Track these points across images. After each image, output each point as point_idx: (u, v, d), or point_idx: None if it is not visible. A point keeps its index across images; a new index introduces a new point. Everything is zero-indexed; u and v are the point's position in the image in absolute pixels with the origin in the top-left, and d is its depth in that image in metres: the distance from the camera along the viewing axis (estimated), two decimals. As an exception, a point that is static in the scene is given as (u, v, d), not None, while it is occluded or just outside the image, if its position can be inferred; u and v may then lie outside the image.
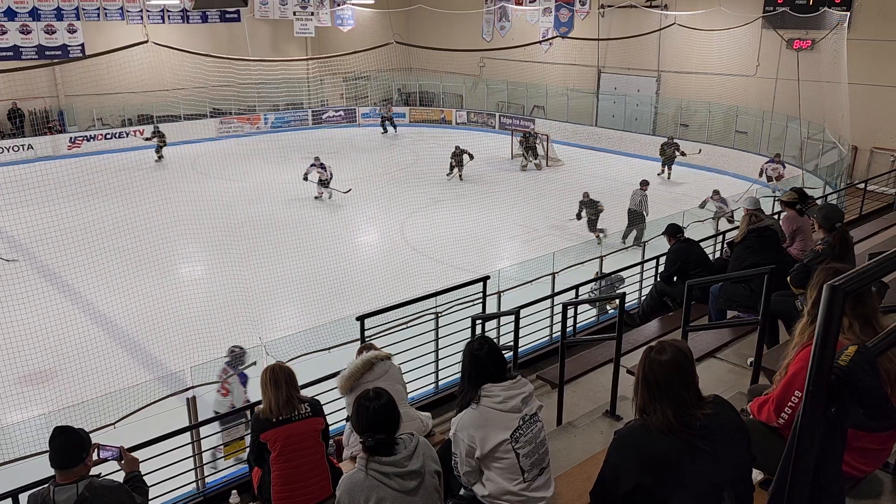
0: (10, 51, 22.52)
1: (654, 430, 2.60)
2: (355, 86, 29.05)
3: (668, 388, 2.59)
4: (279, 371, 4.12)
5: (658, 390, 2.61)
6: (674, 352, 2.64)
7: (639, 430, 2.67)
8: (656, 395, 2.61)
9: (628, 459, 2.66)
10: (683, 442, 2.57)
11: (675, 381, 2.60)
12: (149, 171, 19.92)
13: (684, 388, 2.61)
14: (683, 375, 2.61)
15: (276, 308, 12.25)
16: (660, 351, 2.65)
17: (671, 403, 2.59)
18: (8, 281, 11.81)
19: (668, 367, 2.60)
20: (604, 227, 15.91)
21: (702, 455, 2.57)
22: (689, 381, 2.62)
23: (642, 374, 2.67)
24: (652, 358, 2.65)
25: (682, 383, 2.61)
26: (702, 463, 2.57)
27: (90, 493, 3.39)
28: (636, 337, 6.94)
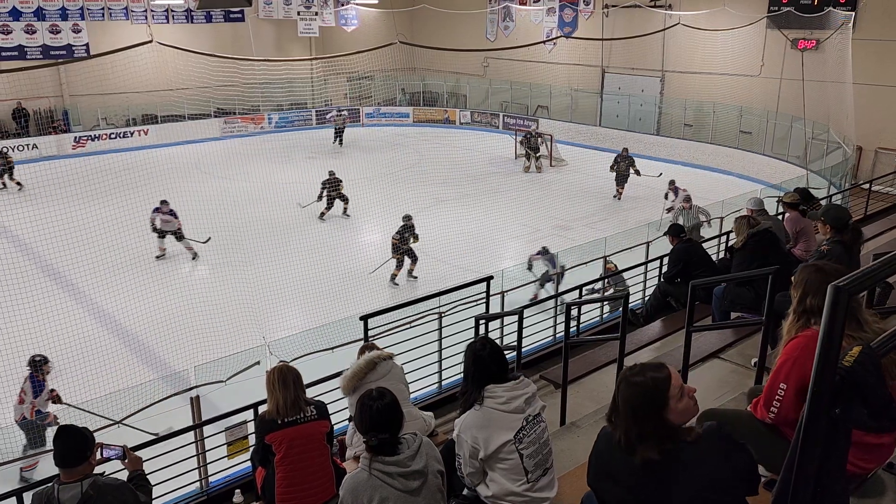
0: (15, 50, 22.57)
1: (615, 445, 2.55)
2: (359, 86, 29.05)
3: (632, 413, 2.49)
4: (287, 372, 4.12)
5: (621, 412, 2.53)
6: (650, 379, 2.49)
7: (606, 438, 2.64)
8: (618, 416, 2.54)
9: (591, 463, 2.68)
10: (637, 466, 2.46)
11: (640, 407, 2.48)
12: (153, 171, 19.92)
13: (648, 417, 2.46)
14: (651, 404, 2.46)
15: (279, 307, 12.26)
16: (636, 373, 2.53)
17: (628, 430, 2.49)
18: (13, 280, 11.84)
19: (637, 392, 2.49)
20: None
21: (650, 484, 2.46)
22: (655, 411, 2.46)
23: (616, 389, 2.60)
24: (627, 378, 2.54)
25: (648, 412, 2.46)
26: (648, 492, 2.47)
27: (94, 492, 3.40)
28: (640, 337, 6.94)
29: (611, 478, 2.57)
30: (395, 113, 29.50)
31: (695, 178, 21.34)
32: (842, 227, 5.69)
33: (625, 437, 2.50)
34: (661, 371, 2.52)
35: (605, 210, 17.73)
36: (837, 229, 5.70)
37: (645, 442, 2.45)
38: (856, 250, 5.69)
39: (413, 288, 12.47)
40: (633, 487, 2.50)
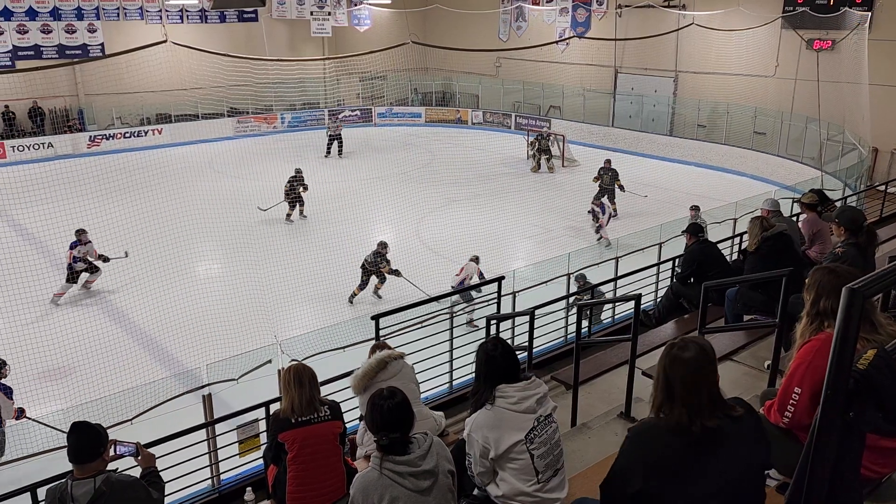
0: (32, 50, 22.79)
1: (665, 430, 2.58)
2: (371, 85, 29.11)
3: (684, 387, 2.56)
4: (303, 371, 4.12)
5: (675, 388, 2.58)
6: (696, 350, 2.59)
7: (650, 429, 2.66)
8: (673, 393, 2.58)
9: (636, 460, 2.65)
10: (694, 443, 2.53)
11: (693, 381, 2.56)
12: (167, 170, 20.06)
13: (702, 388, 2.57)
14: (703, 375, 2.57)
15: (291, 306, 12.31)
16: (682, 348, 2.62)
17: (687, 403, 2.55)
18: (28, 278, 11.95)
19: (689, 365, 2.57)
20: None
21: (711, 458, 2.54)
22: (708, 381, 2.58)
23: (662, 370, 2.64)
24: (674, 354, 2.62)
25: (701, 383, 2.56)
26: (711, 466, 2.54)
27: (107, 488, 3.43)
28: (652, 338, 6.90)
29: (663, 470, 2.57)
30: (408, 113, 29.52)
31: (708, 179, 21.26)
32: (856, 229, 5.64)
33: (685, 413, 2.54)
34: (702, 342, 2.66)
35: (617, 210, 17.65)
36: (852, 231, 5.65)
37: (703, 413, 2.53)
38: (870, 253, 5.64)
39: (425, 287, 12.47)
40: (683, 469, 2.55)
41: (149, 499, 3.62)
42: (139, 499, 3.57)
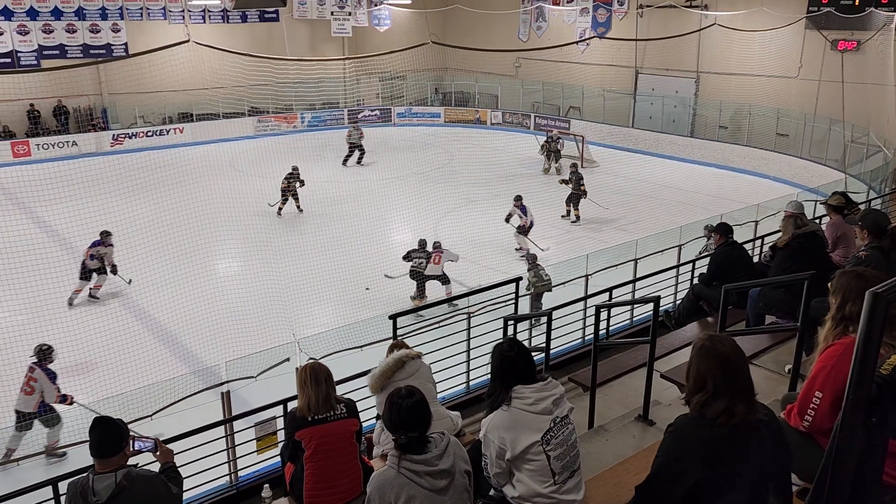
0: (57, 49, 23.08)
1: (713, 422, 2.64)
2: (391, 85, 29.18)
3: (723, 378, 2.65)
4: (319, 369, 4.14)
5: (719, 379, 2.65)
6: (730, 344, 2.70)
7: (696, 422, 2.70)
8: (717, 385, 2.65)
9: (689, 452, 2.68)
10: (741, 433, 2.61)
11: (733, 373, 2.67)
12: (188, 169, 20.25)
13: (741, 380, 2.67)
14: (739, 367, 2.69)
15: (309, 305, 12.36)
16: (717, 343, 2.71)
17: (726, 395, 2.63)
18: (51, 274, 12.10)
19: (728, 357, 2.67)
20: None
21: (756, 447, 2.61)
22: (745, 373, 2.70)
23: (697, 367, 2.70)
24: (709, 350, 2.70)
25: (740, 376, 2.68)
26: (756, 455, 2.61)
27: (128, 482, 3.47)
28: (671, 341, 6.84)
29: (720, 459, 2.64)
30: (427, 113, 29.56)
31: (729, 181, 21.07)
32: (880, 232, 5.56)
33: (725, 404, 2.62)
34: (729, 337, 2.80)
35: (637, 212, 17.56)
36: (876, 235, 5.57)
37: (742, 401, 2.62)
38: (894, 257, 5.55)
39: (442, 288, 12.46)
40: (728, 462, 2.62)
41: (168, 493, 3.65)
42: (159, 493, 3.61)
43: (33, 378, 8.19)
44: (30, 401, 8.15)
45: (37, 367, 8.24)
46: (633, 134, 25.59)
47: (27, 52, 22.67)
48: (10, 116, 23.06)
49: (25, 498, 4.75)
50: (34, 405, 8.16)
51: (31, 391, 8.16)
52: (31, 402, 8.15)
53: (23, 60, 22.54)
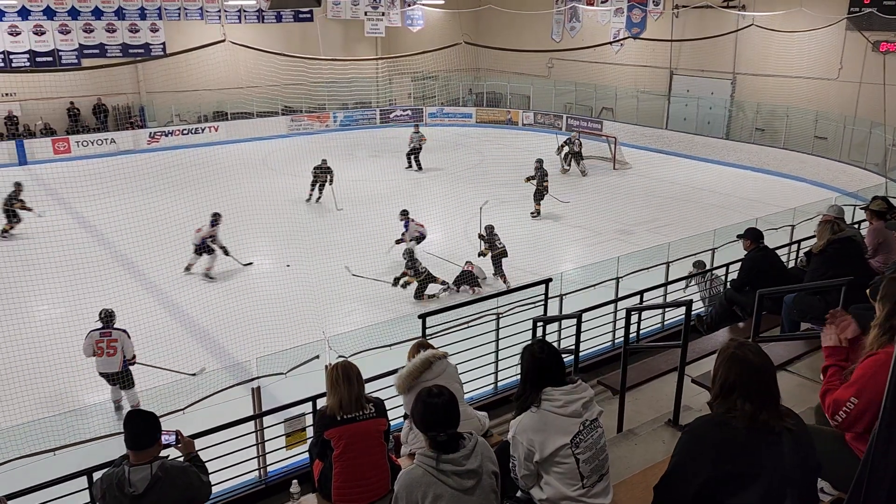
0: (97, 48, 23.57)
1: (725, 425, 2.64)
2: (423, 86, 29.25)
3: (753, 385, 2.64)
4: (350, 368, 4.16)
5: (749, 384, 2.65)
6: (758, 349, 2.70)
7: (715, 422, 2.70)
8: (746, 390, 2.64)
9: (701, 452, 2.68)
10: (756, 436, 2.60)
11: (763, 379, 2.66)
12: (222, 167, 20.53)
13: (770, 385, 2.67)
14: (769, 376, 2.68)
15: (339, 303, 12.45)
16: (749, 351, 2.70)
17: (748, 401, 2.62)
18: (88, 268, 12.36)
19: (760, 365, 2.66)
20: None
21: (772, 452, 2.59)
22: (773, 380, 2.69)
23: (727, 371, 2.69)
24: (739, 358, 2.68)
25: (769, 381, 2.68)
26: (771, 460, 2.58)
27: (163, 474, 3.54)
28: (703, 346, 6.75)
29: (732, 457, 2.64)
30: (458, 113, 29.57)
31: (764, 184, 20.74)
32: (922, 237, 5.44)
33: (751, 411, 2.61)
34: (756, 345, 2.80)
35: (669, 215, 17.36)
36: (917, 240, 5.45)
37: (767, 409, 2.62)
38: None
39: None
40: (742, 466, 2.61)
41: (200, 483, 3.74)
42: (191, 484, 3.69)
43: (113, 340, 8.91)
44: (114, 361, 8.92)
45: (112, 329, 8.99)
46: (666, 135, 25.31)
47: (68, 50, 23.19)
48: (51, 114, 23.60)
49: (60, 487, 4.85)
50: (119, 364, 8.94)
51: (115, 352, 8.91)
52: (116, 362, 8.92)
53: (64, 59, 23.07)
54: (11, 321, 10.61)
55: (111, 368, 8.96)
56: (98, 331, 9.00)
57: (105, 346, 8.92)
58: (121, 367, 8.95)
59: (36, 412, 8.21)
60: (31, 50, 22.72)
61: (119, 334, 8.98)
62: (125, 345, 8.99)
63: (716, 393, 2.74)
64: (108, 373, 9.00)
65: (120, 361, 8.93)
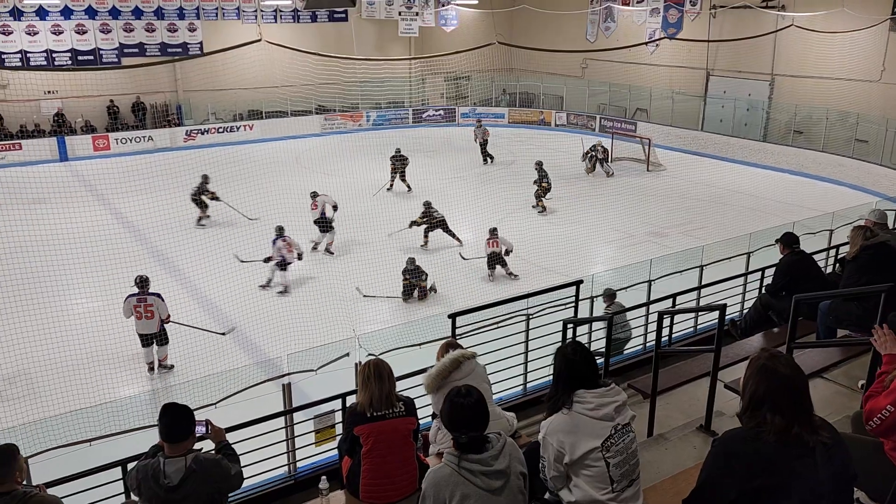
0: (136, 48, 24.05)
1: (757, 440, 2.57)
2: (456, 85, 29.25)
3: (778, 399, 2.58)
4: (382, 366, 4.18)
5: (768, 399, 2.59)
6: (791, 361, 2.65)
7: (745, 438, 2.64)
8: (777, 403, 2.59)
9: (731, 467, 2.62)
10: (788, 451, 2.54)
11: (789, 393, 2.59)
12: (256, 164, 20.78)
13: (799, 400, 2.60)
14: (803, 389, 2.62)
15: (370, 302, 12.50)
16: (780, 363, 2.64)
17: (780, 415, 2.57)
18: (124, 263, 12.59)
19: (793, 377, 2.61)
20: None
21: (805, 467, 2.53)
22: (803, 394, 2.62)
23: (756, 383, 2.63)
24: (771, 369, 2.62)
25: (802, 394, 2.61)
26: (804, 475, 2.53)
27: (197, 466, 3.61)
28: (736, 351, 6.65)
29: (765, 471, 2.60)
30: (491, 113, 29.51)
31: (802, 188, 20.36)
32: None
33: (783, 425, 2.55)
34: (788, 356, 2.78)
35: (704, 217, 17.13)
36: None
37: (800, 423, 2.56)
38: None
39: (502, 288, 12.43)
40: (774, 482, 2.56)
41: (231, 475, 3.81)
42: (223, 476, 3.76)
43: (150, 305, 9.75)
44: (152, 324, 9.80)
45: (147, 295, 9.81)
46: (702, 137, 24.97)
47: (109, 49, 23.70)
48: (91, 112, 24.10)
49: (95, 477, 4.95)
50: (156, 326, 9.82)
51: (152, 315, 9.78)
52: (153, 324, 9.81)
53: (105, 58, 23.59)
54: (50, 314, 10.87)
55: (150, 330, 9.80)
56: (135, 296, 9.76)
57: (143, 310, 9.74)
58: (158, 328, 9.80)
59: (73, 403, 8.39)
60: (72, 49, 23.26)
61: (154, 299, 9.75)
62: (160, 308, 9.77)
63: (745, 406, 2.67)
64: (146, 334, 9.84)
65: (157, 323, 9.78)
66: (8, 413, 8.27)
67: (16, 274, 11.95)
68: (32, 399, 8.81)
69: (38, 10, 22.51)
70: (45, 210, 14.23)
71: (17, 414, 8.15)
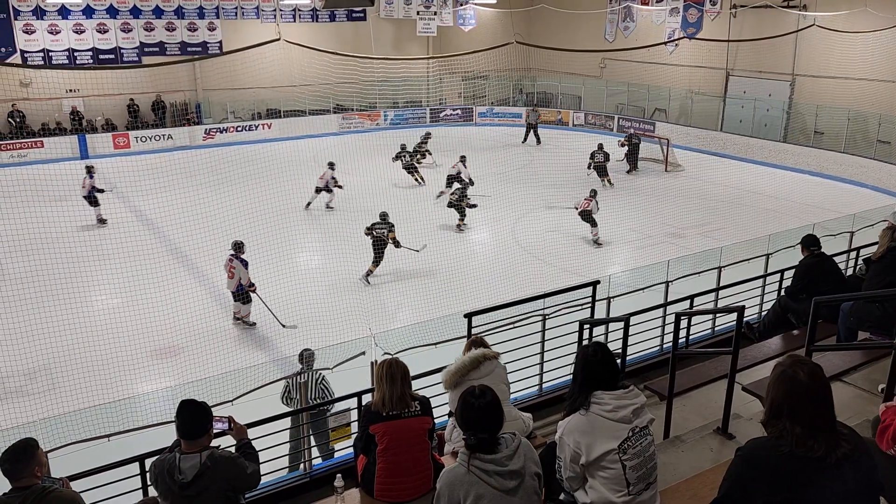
0: (157, 47, 24.27)
1: (786, 449, 2.52)
2: (473, 85, 29.23)
3: (799, 408, 2.53)
4: (395, 367, 4.19)
5: (791, 408, 2.54)
6: (813, 369, 2.57)
7: (768, 447, 2.58)
8: (795, 415, 2.53)
9: (756, 478, 2.57)
10: (815, 462, 2.48)
11: (819, 400, 2.54)
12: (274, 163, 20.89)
13: (819, 409, 2.54)
14: (825, 396, 2.56)
15: (386, 300, 12.53)
16: (801, 369, 2.58)
17: (802, 424, 2.51)
18: (145, 261, 12.72)
19: (814, 385, 2.55)
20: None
21: (831, 480, 2.47)
22: (826, 403, 2.55)
23: (784, 391, 2.58)
24: (794, 377, 2.56)
25: (824, 402, 2.55)
26: (831, 485, 2.47)
27: (211, 463, 3.63)
28: (754, 353, 6.59)
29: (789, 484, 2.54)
30: (508, 113, 29.47)
31: (823, 189, 20.15)
32: None
33: (801, 434, 2.50)
34: (812, 363, 2.64)
35: (722, 218, 17.00)
36: None
37: (820, 433, 2.50)
38: None
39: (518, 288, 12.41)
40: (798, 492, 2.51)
41: (247, 472, 3.83)
42: (239, 473, 3.78)
43: (232, 266, 11.11)
44: (231, 283, 11.20)
45: (234, 258, 11.15)
46: (721, 138, 24.77)
47: (129, 48, 23.93)
48: (112, 110, 24.35)
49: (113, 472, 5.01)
50: (234, 286, 11.17)
51: (232, 275, 11.15)
52: (233, 283, 11.18)
53: (125, 57, 23.82)
54: (71, 310, 11.01)
55: (230, 288, 11.30)
56: (230, 254, 11.27)
57: (227, 269, 11.23)
58: (235, 288, 11.18)
59: (92, 398, 8.48)
60: (94, 47, 23.51)
61: (237, 263, 11.12)
62: (241, 273, 11.07)
63: (767, 412, 2.64)
64: (230, 291, 11.35)
65: (235, 284, 11.13)
66: (29, 408, 8.39)
67: (38, 270, 12.11)
68: (53, 394, 8.92)
69: (61, 9, 22.77)
70: (66, 207, 14.42)
71: (37, 409, 8.26)
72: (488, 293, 12.74)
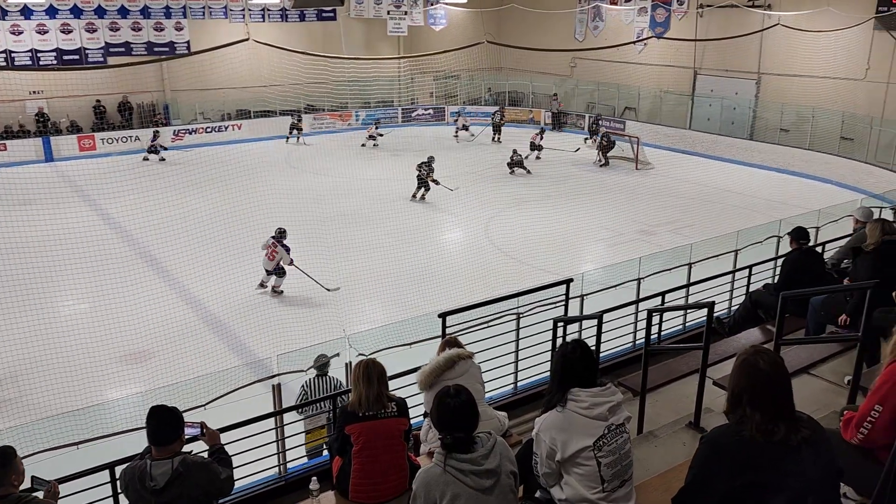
0: (122, 47, 23.90)
1: (747, 434, 2.58)
2: (445, 84, 29.25)
3: (760, 396, 2.59)
4: (372, 367, 4.18)
5: (752, 397, 2.60)
6: (773, 358, 2.64)
7: (730, 433, 2.65)
8: (749, 401, 2.60)
9: (719, 463, 2.63)
10: (776, 448, 2.55)
11: (770, 390, 2.60)
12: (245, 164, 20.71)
13: (778, 397, 2.60)
14: (784, 384, 2.62)
15: (360, 301, 12.49)
16: (762, 357, 2.64)
17: (764, 412, 2.57)
18: (112, 265, 12.51)
19: (774, 374, 2.61)
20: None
21: (793, 464, 2.54)
22: (785, 391, 2.62)
23: (739, 378, 2.65)
24: (751, 365, 2.63)
25: (783, 390, 2.61)
26: (793, 468, 2.54)
27: (184, 469, 3.58)
28: (724, 348, 6.69)
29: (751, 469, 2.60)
30: (480, 112, 29.54)
31: (789, 185, 20.50)
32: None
33: (761, 421, 2.56)
34: (772, 352, 2.73)
35: (692, 215, 17.23)
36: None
37: (780, 423, 2.56)
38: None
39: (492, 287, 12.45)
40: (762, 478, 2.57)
41: (220, 478, 3.79)
42: (211, 479, 3.73)
43: (275, 250, 12.46)
44: (271, 263, 12.53)
45: (278, 243, 12.50)
46: (689, 136, 25.10)
47: (95, 49, 23.54)
48: (77, 111, 23.90)
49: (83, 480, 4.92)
50: (273, 266, 12.52)
51: (273, 257, 12.49)
52: (272, 264, 12.52)
53: (90, 57, 23.42)
54: (36, 316, 10.79)
55: (268, 267, 12.57)
56: (273, 238, 12.53)
57: (269, 251, 12.51)
58: (274, 268, 12.53)
59: (61, 406, 8.33)
60: (58, 48, 23.09)
61: (280, 249, 12.42)
62: (283, 256, 12.43)
63: (728, 400, 2.71)
64: (267, 269, 12.60)
65: (275, 265, 12.51)
66: (-5, 416, 8.22)
67: (2, 276, 11.85)
68: (20, 402, 8.75)
69: (23, 9, 22.32)
70: (31, 211, 14.14)
71: (5, 417, 8.10)
72: (462, 293, 12.74)
